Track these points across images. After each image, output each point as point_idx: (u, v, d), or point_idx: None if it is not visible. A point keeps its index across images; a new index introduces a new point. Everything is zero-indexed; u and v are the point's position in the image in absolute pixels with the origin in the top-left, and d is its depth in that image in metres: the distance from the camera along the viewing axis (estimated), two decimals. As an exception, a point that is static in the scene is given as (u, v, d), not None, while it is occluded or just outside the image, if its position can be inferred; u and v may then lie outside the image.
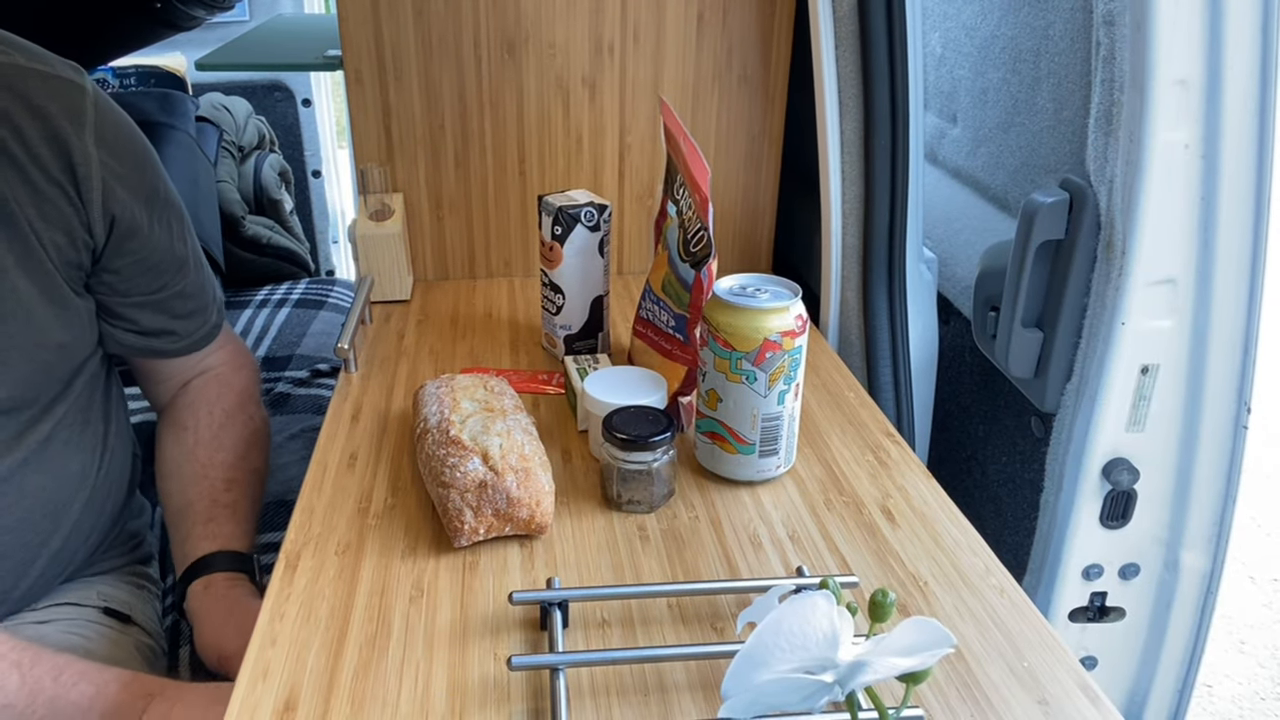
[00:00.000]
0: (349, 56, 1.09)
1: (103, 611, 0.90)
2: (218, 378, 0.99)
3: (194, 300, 0.93)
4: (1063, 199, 0.80)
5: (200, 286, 0.93)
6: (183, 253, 0.90)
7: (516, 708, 0.58)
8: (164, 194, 0.88)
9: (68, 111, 0.77)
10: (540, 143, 1.16)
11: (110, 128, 0.81)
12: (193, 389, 0.97)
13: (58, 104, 0.77)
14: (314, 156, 2.58)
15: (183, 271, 0.90)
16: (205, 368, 0.99)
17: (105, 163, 0.80)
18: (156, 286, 0.88)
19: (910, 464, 0.83)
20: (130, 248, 0.84)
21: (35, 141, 0.76)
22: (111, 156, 0.80)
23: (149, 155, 0.87)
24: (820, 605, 0.43)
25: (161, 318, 0.90)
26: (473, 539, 0.70)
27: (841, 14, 0.95)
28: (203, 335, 0.95)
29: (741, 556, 0.71)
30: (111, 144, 0.81)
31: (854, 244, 1.04)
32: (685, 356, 0.85)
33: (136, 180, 0.83)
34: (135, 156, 0.84)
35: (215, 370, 0.99)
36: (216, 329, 0.97)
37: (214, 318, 0.96)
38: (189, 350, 0.94)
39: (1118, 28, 0.73)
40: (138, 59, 2.20)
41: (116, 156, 0.81)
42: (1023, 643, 0.63)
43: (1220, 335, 0.79)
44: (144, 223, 0.84)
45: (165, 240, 0.87)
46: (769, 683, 0.43)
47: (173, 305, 0.90)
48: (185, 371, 0.98)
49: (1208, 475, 0.84)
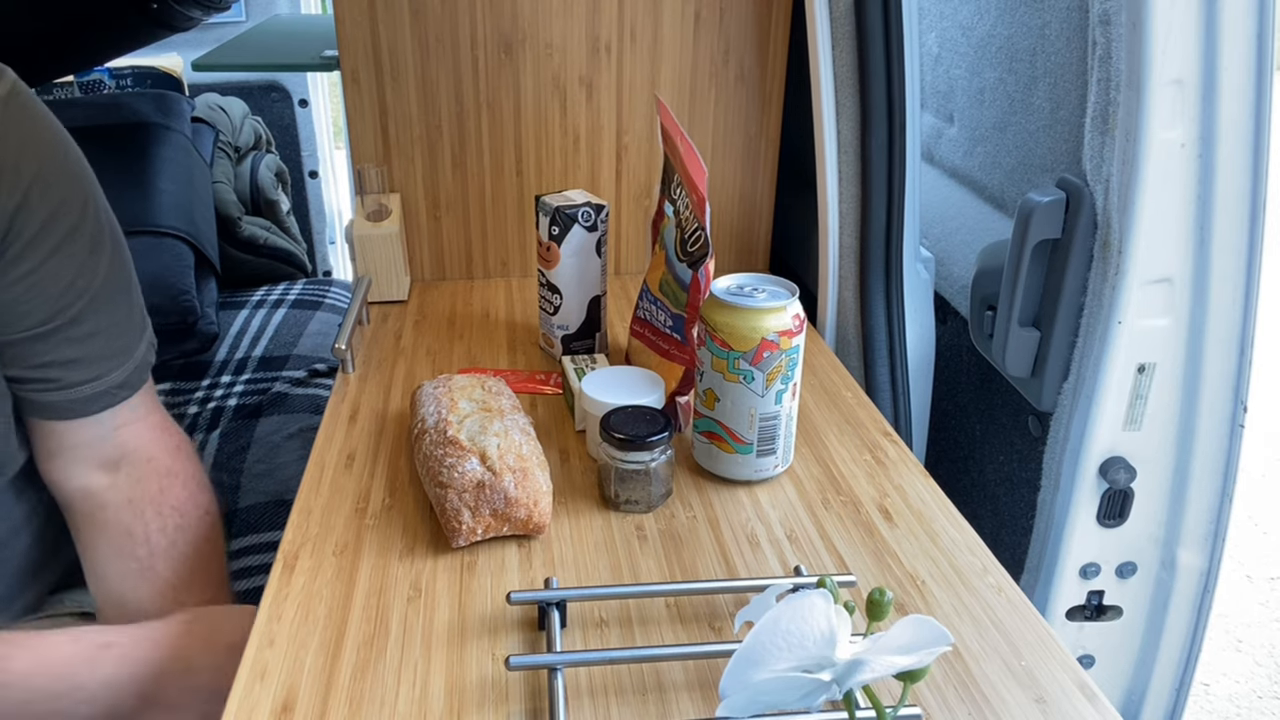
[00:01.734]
0: (346, 57, 1.09)
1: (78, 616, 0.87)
2: (153, 465, 0.82)
3: (88, 348, 0.75)
4: (1059, 198, 0.80)
5: (104, 336, 0.77)
6: (79, 289, 0.74)
7: (515, 708, 0.58)
8: (76, 216, 0.73)
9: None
10: (537, 143, 1.16)
11: (15, 133, 0.68)
12: (125, 482, 0.81)
13: None
14: (311, 157, 2.58)
15: (70, 310, 0.73)
16: (125, 449, 0.82)
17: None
18: (31, 324, 0.72)
19: (908, 463, 0.83)
20: (2, 276, 0.70)
21: None
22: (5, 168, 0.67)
23: (59, 168, 0.73)
24: (818, 604, 0.43)
25: (34, 363, 0.74)
26: (470, 539, 0.70)
27: (838, 13, 0.95)
28: (97, 393, 0.77)
29: (739, 556, 0.71)
30: (14, 151, 0.68)
31: (851, 243, 1.04)
32: (683, 356, 0.85)
33: (37, 197, 0.70)
34: (40, 167, 0.70)
35: (144, 453, 0.82)
36: (125, 391, 0.80)
37: (120, 377, 0.78)
38: (79, 409, 0.77)
39: (1114, 27, 0.73)
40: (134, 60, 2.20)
41: (13, 168, 0.68)
42: (1020, 641, 0.63)
43: (1217, 334, 0.79)
44: (22, 250, 0.70)
45: (53, 273, 0.72)
46: (767, 681, 0.43)
47: (48, 348, 0.73)
48: (89, 447, 0.80)
49: (1204, 474, 0.84)
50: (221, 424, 1.36)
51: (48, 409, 0.77)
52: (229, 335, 1.62)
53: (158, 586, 0.80)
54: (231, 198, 1.96)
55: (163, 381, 1.46)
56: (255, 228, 1.99)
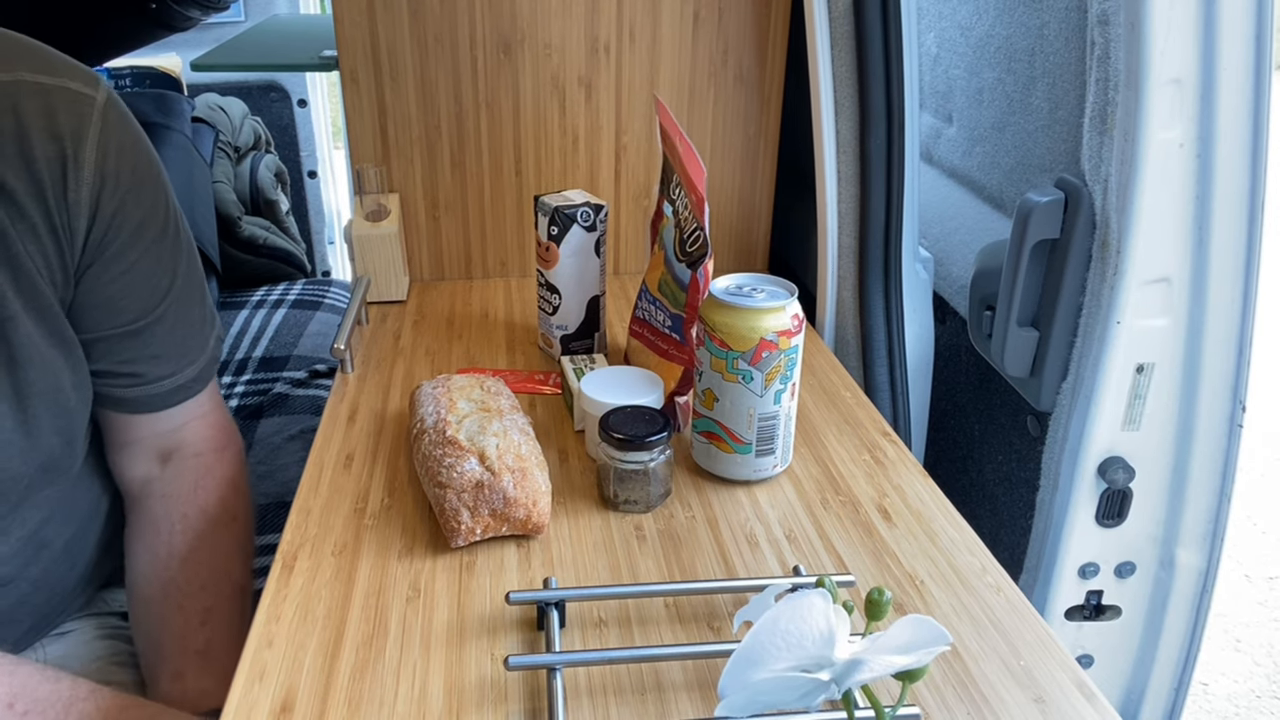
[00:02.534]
0: (344, 57, 1.09)
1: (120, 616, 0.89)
2: (198, 461, 0.86)
3: (169, 343, 0.80)
4: (1058, 198, 0.80)
5: (182, 332, 0.82)
6: (164, 288, 0.79)
7: (514, 708, 0.58)
8: (161, 221, 0.78)
9: (70, 127, 0.70)
10: (536, 143, 1.16)
11: (114, 141, 0.73)
12: (168, 474, 0.84)
13: (59, 121, 0.69)
14: (310, 157, 2.58)
15: (158, 309, 0.78)
16: (181, 442, 0.85)
17: (98, 182, 0.71)
18: (126, 320, 0.77)
19: (906, 463, 0.83)
20: (97, 274, 0.74)
21: (32, 164, 0.68)
22: (107, 175, 0.72)
23: (149, 174, 0.77)
24: (816, 604, 0.43)
25: (123, 358, 0.78)
26: (469, 539, 0.70)
27: (837, 14, 0.95)
28: (176, 387, 0.82)
29: (738, 556, 0.71)
30: (113, 161, 0.72)
31: (850, 244, 1.04)
32: (682, 356, 0.85)
33: (132, 202, 0.75)
34: (135, 174, 0.75)
35: (194, 449, 0.86)
36: (198, 385, 0.84)
37: (194, 372, 0.83)
38: (157, 403, 0.81)
39: (1112, 27, 0.73)
40: (133, 60, 2.20)
41: (113, 175, 0.72)
42: (1019, 641, 0.63)
43: (1215, 333, 0.79)
44: (120, 249, 0.75)
45: (144, 273, 0.77)
46: (765, 681, 0.43)
47: (138, 344, 0.78)
48: (156, 439, 0.84)
49: (1203, 473, 0.84)
50: (221, 424, 1.36)
51: (128, 404, 0.81)
52: (229, 336, 1.61)
53: (166, 587, 0.80)
54: (231, 198, 1.96)
55: (162, 382, 1.46)
56: (255, 228, 1.99)
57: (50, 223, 0.70)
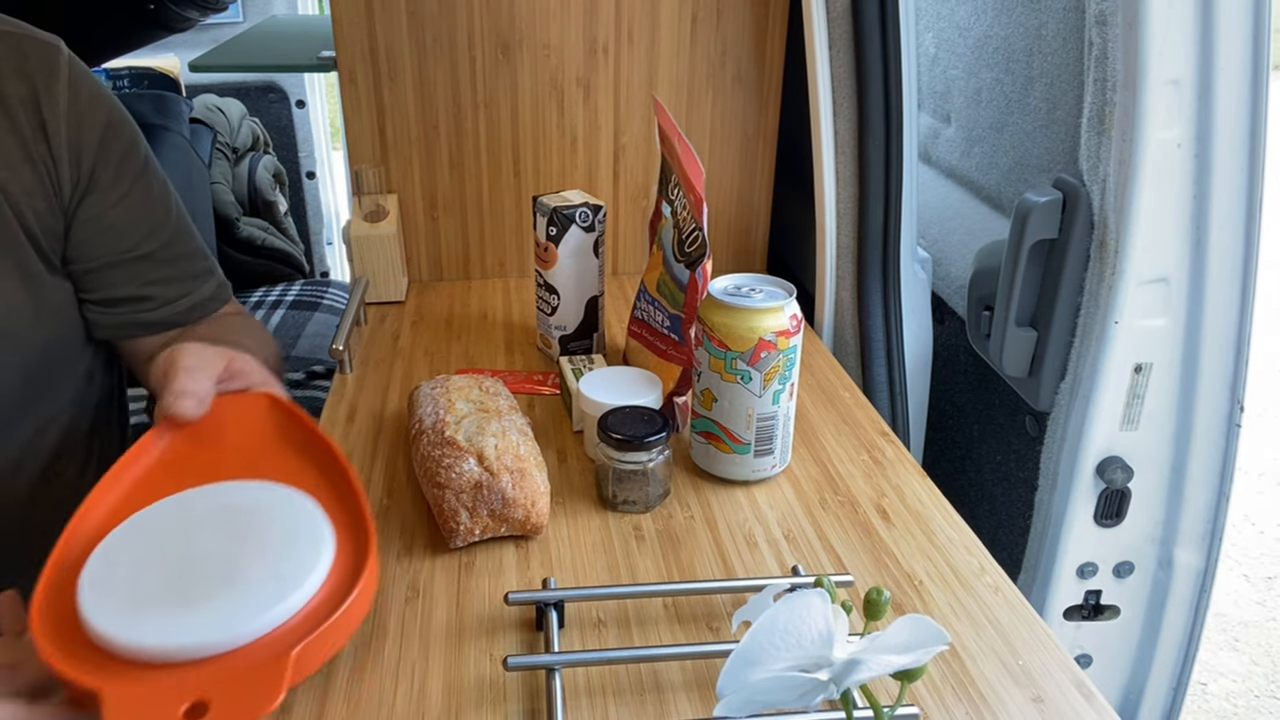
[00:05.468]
0: (343, 57, 1.09)
1: None
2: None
3: (175, 267, 0.86)
4: (1056, 198, 0.80)
5: (187, 258, 0.88)
6: (161, 217, 0.85)
7: (513, 708, 0.58)
8: (142, 158, 0.84)
9: (40, 69, 0.75)
10: (535, 143, 1.16)
11: (85, 85, 0.78)
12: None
13: (30, 63, 0.75)
14: (308, 158, 2.58)
15: (157, 234, 0.84)
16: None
17: (75, 118, 0.77)
18: (125, 247, 0.82)
19: (905, 463, 0.83)
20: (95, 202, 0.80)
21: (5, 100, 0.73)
22: (83, 111, 0.78)
23: (123, 116, 0.83)
24: (815, 604, 0.43)
25: (131, 282, 0.83)
26: (468, 539, 0.70)
27: (835, 14, 0.95)
28: (190, 305, 0.87)
29: (737, 556, 0.71)
30: (85, 100, 0.78)
31: (848, 244, 1.04)
32: (680, 356, 0.85)
33: (111, 137, 0.80)
34: (109, 113, 0.81)
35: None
36: (214, 303, 0.90)
37: (208, 290, 0.89)
38: (174, 320, 0.86)
39: (1110, 27, 0.73)
40: (131, 60, 2.20)
41: (88, 111, 0.78)
42: (1018, 641, 0.63)
43: (1213, 333, 0.79)
44: (112, 179, 0.80)
45: (139, 201, 0.83)
46: (764, 681, 0.43)
47: (143, 268, 0.84)
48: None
49: (1201, 473, 0.84)
50: (219, 425, 1.35)
51: (153, 325, 0.86)
52: (227, 336, 1.61)
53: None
54: (229, 198, 1.96)
55: (160, 382, 1.46)
56: (253, 229, 1.99)
57: (26, 153, 0.75)
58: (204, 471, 0.62)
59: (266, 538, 0.55)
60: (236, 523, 0.57)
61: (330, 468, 0.63)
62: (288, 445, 0.66)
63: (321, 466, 0.64)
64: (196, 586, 0.52)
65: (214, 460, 0.64)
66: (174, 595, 0.51)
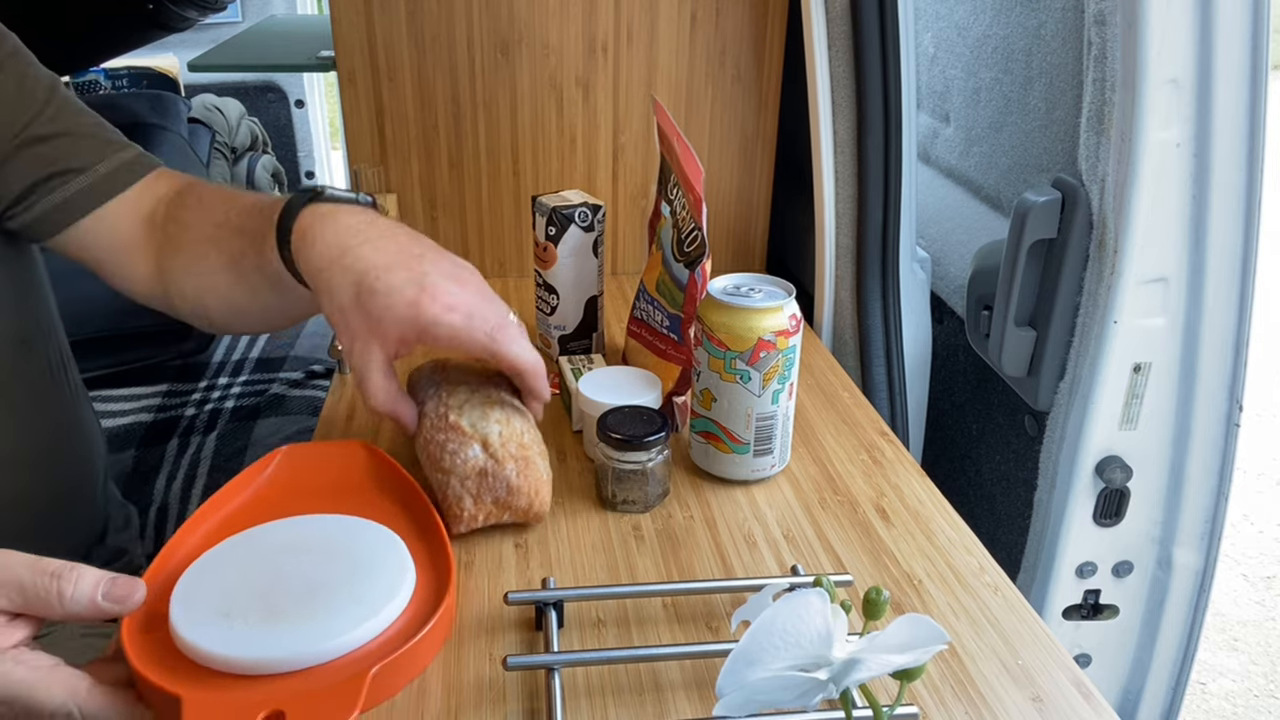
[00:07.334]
0: (342, 57, 1.09)
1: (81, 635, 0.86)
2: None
3: (77, 141, 0.79)
4: (1055, 198, 0.80)
5: (88, 131, 0.80)
6: (44, 96, 0.78)
7: (512, 708, 0.58)
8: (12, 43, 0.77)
9: None
10: (534, 143, 1.16)
11: None
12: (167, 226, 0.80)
13: None
14: (307, 158, 2.58)
15: (45, 115, 0.77)
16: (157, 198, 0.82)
17: None
18: (11, 134, 0.75)
19: (904, 463, 0.83)
20: None
21: None
22: None
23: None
24: (814, 603, 0.43)
25: (34, 166, 0.77)
26: (471, 526, 0.70)
27: (834, 14, 0.95)
28: (111, 170, 0.79)
29: (736, 556, 0.71)
30: None
31: (847, 244, 1.04)
32: (679, 356, 0.85)
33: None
34: None
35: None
36: (141, 166, 0.81)
37: (128, 155, 0.81)
38: (102, 189, 0.79)
39: (1109, 27, 0.73)
40: (130, 60, 2.20)
41: None
42: (1017, 640, 0.63)
43: (1212, 333, 0.79)
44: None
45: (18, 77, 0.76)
46: (763, 680, 0.43)
47: (42, 150, 0.77)
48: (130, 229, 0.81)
49: (1200, 473, 0.84)
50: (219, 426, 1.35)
51: (81, 199, 0.78)
52: (225, 336, 1.61)
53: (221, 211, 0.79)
54: (228, 198, 1.95)
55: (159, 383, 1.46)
56: (252, 228, 1.98)
57: None
58: (298, 505, 0.65)
59: (352, 566, 0.58)
60: (325, 551, 0.59)
61: (416, 508, 0.66)
62: (378, 486, 0.70)
63: (407, 506, 0.67)
64: (282, 605, 0.54)
65: (308, 495, 0.67)
66: (260, 611, 0.53)
